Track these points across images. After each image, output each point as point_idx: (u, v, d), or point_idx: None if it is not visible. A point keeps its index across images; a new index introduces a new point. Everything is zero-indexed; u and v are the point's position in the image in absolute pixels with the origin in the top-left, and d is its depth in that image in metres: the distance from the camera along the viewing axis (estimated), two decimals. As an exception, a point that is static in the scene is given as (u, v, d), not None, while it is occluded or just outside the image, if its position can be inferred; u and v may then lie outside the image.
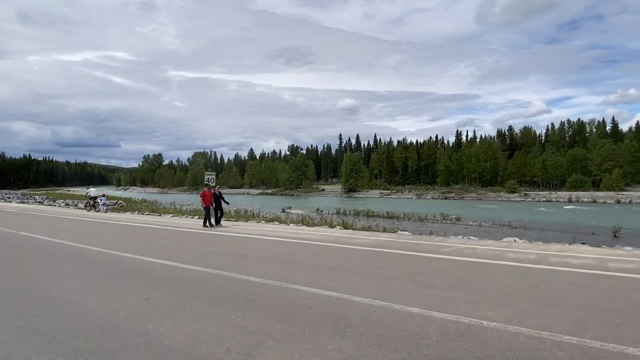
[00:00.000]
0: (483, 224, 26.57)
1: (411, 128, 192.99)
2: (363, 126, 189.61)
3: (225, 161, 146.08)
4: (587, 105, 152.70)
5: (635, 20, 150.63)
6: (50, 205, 36.09)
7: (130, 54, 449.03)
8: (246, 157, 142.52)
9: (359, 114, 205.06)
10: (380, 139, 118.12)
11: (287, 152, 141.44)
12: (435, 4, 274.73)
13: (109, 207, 24.81)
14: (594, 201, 52.16)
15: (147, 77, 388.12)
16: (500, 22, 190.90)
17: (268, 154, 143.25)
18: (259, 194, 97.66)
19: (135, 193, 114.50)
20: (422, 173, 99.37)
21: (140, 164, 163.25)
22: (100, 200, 24.29)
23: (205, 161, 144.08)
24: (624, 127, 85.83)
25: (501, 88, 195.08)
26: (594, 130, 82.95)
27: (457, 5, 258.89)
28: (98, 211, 23.18)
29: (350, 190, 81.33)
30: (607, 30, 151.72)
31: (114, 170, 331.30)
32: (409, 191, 76.75)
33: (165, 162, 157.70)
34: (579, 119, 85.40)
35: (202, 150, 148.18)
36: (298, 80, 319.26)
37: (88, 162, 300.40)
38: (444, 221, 27.31)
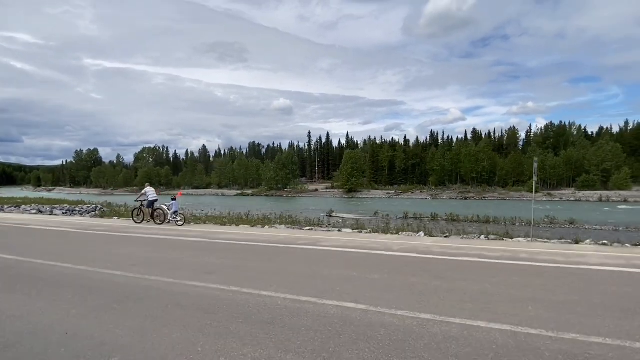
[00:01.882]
0: (619, 228, 22.11)
1: (343, 130, 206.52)
2: (298, 127, 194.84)
3: (182, 158, 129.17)
4: (494, 115, 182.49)
5: (532, 42, 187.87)
6: (37, 213, 23.85)
7: (36, 36, 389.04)
8: (212, 155, 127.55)
9: (294, 115, 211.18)
10: (352, 138, 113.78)
11: (246, 150, 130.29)
12: (366, 12, 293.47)
13: (183, 217, 14.60)
14: (625, 200, 52.30)
15: (58, 64, 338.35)
16: (424, 35, 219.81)
17: (228, 150, 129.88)
18: (238, 195, 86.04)
19: (69, 195, 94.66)
20: (410, 173, 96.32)
21: (70, 160, 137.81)
22: (171, 206, 14.23)
23: (155, 158, 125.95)
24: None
25: (423, 96, 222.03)
26: (574, 133, 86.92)
27: (386, 15, 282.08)
28: (161, 223, 14.05)
29: (351, 190, 74.46)
30: (511, 49, 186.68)
31: (19, 168, 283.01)
32: (420, 191, 72.26)
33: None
34: (560, 122, 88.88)
35: (151, 146, 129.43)
36: (231, 78, 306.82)
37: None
38: (551, 225, 22.31)
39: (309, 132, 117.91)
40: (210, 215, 19.03)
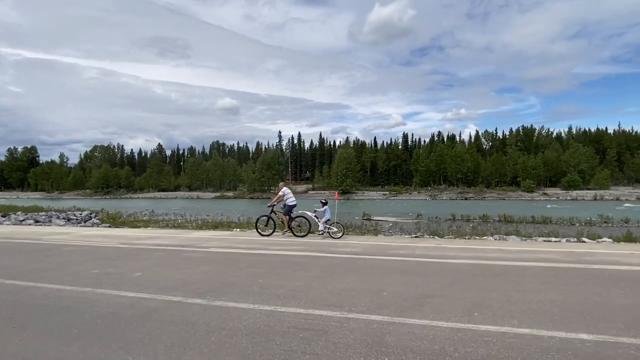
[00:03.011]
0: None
1: (291, 132, 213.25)
2: (244, 127, 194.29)
3: (142, 156, 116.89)
4: (431, 120, 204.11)
5: (464, 54, 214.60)
6: (38, 224, 18.49)
7: None
8: (178, 153, 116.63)
9: (240, 115, 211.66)
10: (327, 139, 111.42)
11: (208, 150, 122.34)
12: (313, 16, 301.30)
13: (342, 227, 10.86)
14: (618, 199, 55.79)
15: None
16: (367, 42, 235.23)
17: (194, 150, 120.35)
18: (217, 197, 79.16)
19: (6, 200, 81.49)
20: (391, 174, 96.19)
21: (4, 157, 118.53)
22: (322, 213, 10.56)
23: (108, 157, 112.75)
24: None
25: (367, 101, 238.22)
26: (543, 136, 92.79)
27: (332, 20, 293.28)
28: (304, 235, 10.51)
29: (345, 191, 71.70)
30: (445, 60, 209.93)
31: None
32: (418, 192, 71.53)
33: None
34: (531, 125, 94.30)
35: (104, 144, 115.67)
36: (172, 74, 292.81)
37: None
38: (607, 225, 22.00)
39: (280, 132, 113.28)
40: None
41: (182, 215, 28.33)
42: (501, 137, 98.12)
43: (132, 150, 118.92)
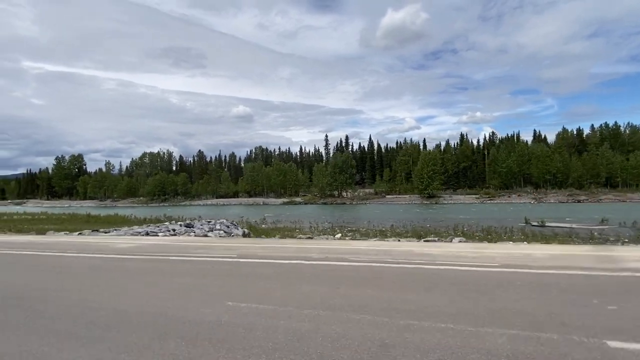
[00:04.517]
0: None
1: (304, 138, 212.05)
2: (258, 135, 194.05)
3: (188, 163, 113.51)
4: (445, 124, 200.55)
5: (477, 56, 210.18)
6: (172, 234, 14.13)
7: None
8: (226, 159, 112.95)
9: (254, 123, 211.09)
10: (377, 142, 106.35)
11: (252, 155, 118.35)
12: (325, 23, 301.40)
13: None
14: None
15: None
16: (380, 47, 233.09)
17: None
18: (286, 203, 74.51)
19: (60, 208, 77.93)
20: (461, 176, 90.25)
21: (53, 166, 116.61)
22: None
23: (158, 163, 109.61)
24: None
25: (380, 105, 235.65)
26: (628, 134, 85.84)
27: (343, 27, 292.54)
28: None
29: (431, 196, 66.31)
30: (459, 63, 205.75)
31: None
32: (519, 195, 65.53)
33: (21, 169, 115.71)
34: (615, 122, 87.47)
35: (153, 151, 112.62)
36: (188, 84, 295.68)
37: None
38: None
39: (327, 136, 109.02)
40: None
41: (296, 222, 24.97)
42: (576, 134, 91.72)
43: (180, 156, 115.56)
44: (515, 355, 2.85)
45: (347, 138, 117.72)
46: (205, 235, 15.09)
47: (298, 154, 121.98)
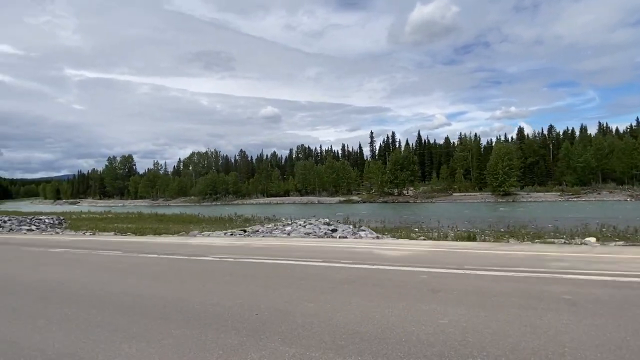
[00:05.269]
0: None
1: (331, 137, 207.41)
2: (285, 135, 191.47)
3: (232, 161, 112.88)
4: (477, 120, 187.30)
5: (512, 48, 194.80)
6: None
7: (17, 47, 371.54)
8: (267, 157, 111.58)
9: (281, 123, 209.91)
10: (426, 139, 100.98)
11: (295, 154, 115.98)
12: (352, 21, 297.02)
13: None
14: None
15: (38, 75, 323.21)
16: (408, 43, 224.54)
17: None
18: (343, 202, 71.29)
19: (112, 207, 78.45)
20: (527, 172, 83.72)
21: (103, 168, 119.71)
22: None
23: (206, 162, 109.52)
24: None
25: (409, 102, 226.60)
26: None
27: (371, 24, 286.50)
28: None
29: (506, 193, 61.05)
30: (492, 56, 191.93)
31: (12, 182, 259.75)
32: (610, 191, 59.29)
33: (64, 171, 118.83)
34: None
35: (201, 150, 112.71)
36: (217, 86, 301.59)
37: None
38: None
39: (372, 133, 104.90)
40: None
41: (383, 221, 21.13)
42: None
43: (226, 155, 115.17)
44: None
45: (393, 134, 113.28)
46: (360, 237, 11.98)
47: (340, 152, 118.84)
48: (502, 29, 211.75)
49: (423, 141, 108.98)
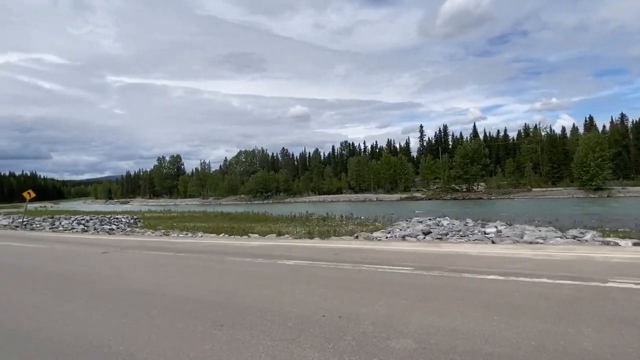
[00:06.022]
0: None
1: (360, 135, 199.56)
2: (314, 133, 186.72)
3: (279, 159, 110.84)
4: (515, 113, 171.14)
5: (553, 36, 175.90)
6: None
7: (63, 57, 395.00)
8: (310, 154, 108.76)
9: (310, 122, 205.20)
10: (488, 132, 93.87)
11: (337, 151, 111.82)
12: (381, 16, 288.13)
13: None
14: None
15: (82, 82, 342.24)
16: (440, 35, 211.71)
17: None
18: (406, 199, 66.84)
19: (165, 206, 77.74)
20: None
21: (152, 168, 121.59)
22: None
23: (252, 159, 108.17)
24: None
25: (441, 97, 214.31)
26: None
27: (400, 18, 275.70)
28: None
29: (598, 188, 54.45)
30: (531, 45, 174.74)
31: (63, 183, 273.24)
32: None
33: (107, 172, 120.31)
34: None
35: (247, 149, 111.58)
36: (248, 88, 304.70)
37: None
38: None
39: (421, 126, 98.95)
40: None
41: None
42: None
43: (273, 154, 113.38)
44: None
45: (445, 127, 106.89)
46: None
47: (386, 147, 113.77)
48: (541, 16, 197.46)
49: (485, 135, 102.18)
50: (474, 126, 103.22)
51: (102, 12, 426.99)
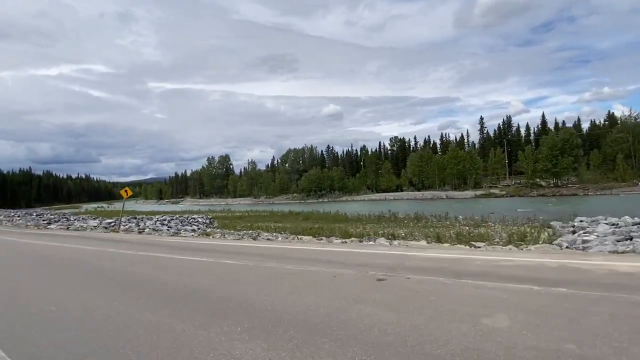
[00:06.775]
0: None
1: (394, 132, 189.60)
2: (347, 132, 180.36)
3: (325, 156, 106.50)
4: (562, 104, 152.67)
5: (603, 21, 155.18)
6: None
7: (109, 66, 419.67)
8: (357, 151, 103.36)
9: (343, 120, 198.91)
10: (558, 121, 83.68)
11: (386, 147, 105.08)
12: (415, 10, 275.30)
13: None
14: None
15: (127, 89, 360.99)
16: (478, 26, 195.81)
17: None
18: (481, 196, 59.91)
19: (218, 206, 74.61)
20: None
21: (202, 167, 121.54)
22: None
23: (303, 158, 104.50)
24: None
25: (480, 90, 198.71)
26: None
27: (435, 11, 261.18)
28: None
29: None
30: (579, 32, 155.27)
31: (113, 184, 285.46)
32: None
33: (150, 174, 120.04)
34: None
35: (297, 147, 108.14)
36: (281, 89, 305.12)
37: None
38: None
39: (481, 118, 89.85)
40: None
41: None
42: None
43: (322, 151, 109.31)
44: None
45: (509, 118, 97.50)
46: None
47: (438, 142, 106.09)
48: (590, 0, 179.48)
49: (547, 126, 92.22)
50: (543, 116, 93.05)
51: (144, 22, 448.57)
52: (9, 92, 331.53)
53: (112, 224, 19.10)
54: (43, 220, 24.77)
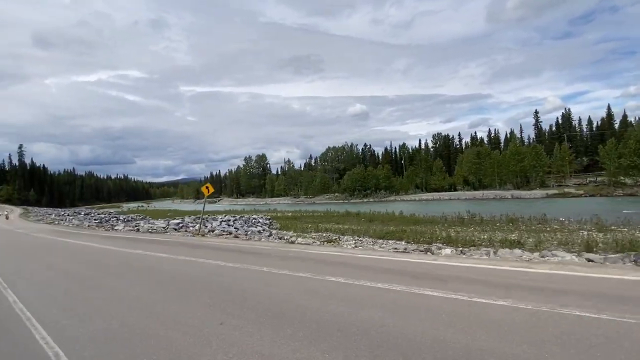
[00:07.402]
0: None
1: (422, 131, 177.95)
2: (373, 131, 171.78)
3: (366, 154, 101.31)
4: (604, 100, 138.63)
5: None
6: None
7: (143, 71, 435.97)
8: (396, 149, 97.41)
9: (369, 120, 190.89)
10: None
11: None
12: (444, 5, 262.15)
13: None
14: None
15: (160, 93, 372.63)
16: (512, 19, 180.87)
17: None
18: (553, 195, 52.97)
19: (257, 205, 71.35)
20: None
21: (239, 167, 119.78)
22: None
23: (342, 156, 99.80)
24: None
25: (513, 86, 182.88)
26: None
27: (466, 5, 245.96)
28: None
29: None
30: (622, 22, 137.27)
31: (149, 185, 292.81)
32: None
33: (182, 175, 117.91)
34: None
35: (338, 145, 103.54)
36: (307, 89, 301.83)
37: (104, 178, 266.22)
38: None
39: (536, 111, 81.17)
40: None
41: None
42: None
43: (361, 149, 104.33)
44: None
45: (569, 111, 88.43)
46: None
47: (484, 139, 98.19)
48: None
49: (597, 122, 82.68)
50: (608, 107, 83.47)
51: (176, 28, 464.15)
52: (53, 99, 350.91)
53: (180, 224, 16.19)
54: (106, 221, 22.93)
